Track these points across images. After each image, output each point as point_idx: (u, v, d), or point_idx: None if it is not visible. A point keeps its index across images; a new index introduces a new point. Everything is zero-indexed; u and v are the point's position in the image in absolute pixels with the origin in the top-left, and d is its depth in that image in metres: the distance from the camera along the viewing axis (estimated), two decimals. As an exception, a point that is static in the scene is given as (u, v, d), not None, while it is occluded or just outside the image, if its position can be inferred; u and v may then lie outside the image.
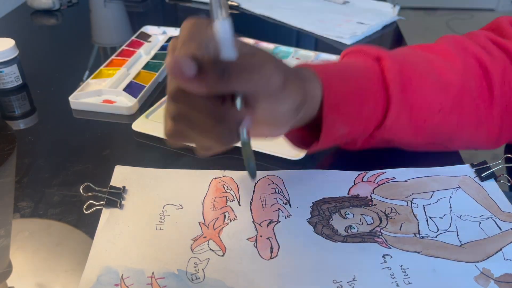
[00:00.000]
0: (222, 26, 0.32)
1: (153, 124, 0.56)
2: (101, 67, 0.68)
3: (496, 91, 0.47)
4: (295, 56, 0.75)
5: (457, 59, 0.47)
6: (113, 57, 0.71)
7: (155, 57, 0.73)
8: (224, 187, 0.45)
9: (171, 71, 0.30)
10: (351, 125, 0.43)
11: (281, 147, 0.50)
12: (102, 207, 0.42)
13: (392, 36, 0.89)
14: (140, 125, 0.55)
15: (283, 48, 0.77)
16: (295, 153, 0.49)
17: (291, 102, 0.36)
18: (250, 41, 0.78)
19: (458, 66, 0.47)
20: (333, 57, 0.74)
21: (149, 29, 0.83)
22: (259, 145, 0.51)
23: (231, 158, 0.50)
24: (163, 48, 0.76)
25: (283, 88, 0.34)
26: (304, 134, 0.45)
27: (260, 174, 0.46)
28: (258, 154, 0.50)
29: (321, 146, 0.43)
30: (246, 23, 0.94)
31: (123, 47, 0.75)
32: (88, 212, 0.42)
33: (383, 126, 0.44)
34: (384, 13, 0.96)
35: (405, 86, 0.44)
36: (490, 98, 0.47)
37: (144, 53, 0.74)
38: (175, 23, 0.85)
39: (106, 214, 0.42)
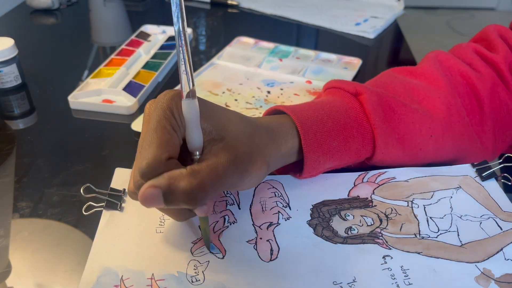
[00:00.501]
0: (186, 107, 0.34)
1: None
2: (101, 67, 0.68)
3: (486, 107, 0.48)
4: (295, 56, 0.75)
5: (441, 81, 0.47)
6: (112, 56, 0.71)
7: (154, 56, 0.73)
8: (224, 191, 0.45)
9: (142, 203, 0.33)
10: (339, 160, 0.44)
11: None
12: (101, 209, 0.42)
13: (392, 36, 0.89)
14: (139, 125, 0.55)
15: (283, 48, 0.77)
16: None
17: (253, 182, 0.39)
18: (251, 41, 0.78)
19: (443, 88, 0.47)
20: (333, 56, 0.74)
21: (148, 28, 0.83)
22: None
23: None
24: (163, 47, 0.76)
25: (244, 179, 0.37)
26: (292, 168, 0.46)
27: None
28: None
29: (306, 177, 0.45)
30: (249, 22, 0.94)
31: (123, 46, 0.75)
32: (87, 213, 0.42)
33: (374, 158, 0.45)
34: (390, 7, 0.97)
35: (389, 117, 0.44)
36: (481, 114, 0.48)
37: (144, 53, 0.74)
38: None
39: (106, 216, 0.42)
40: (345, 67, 0.72)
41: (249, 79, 0.68)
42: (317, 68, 0.71)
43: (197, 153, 0.35)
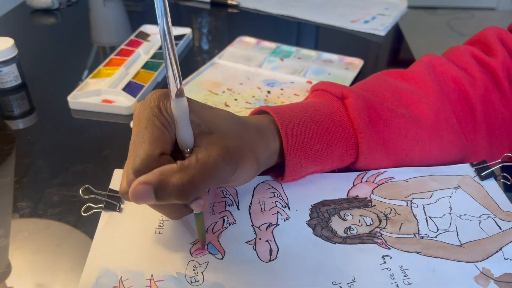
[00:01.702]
0: (176, 105, 0.34)
1: None
2: (100, 67, 0.68)
3: (479, 114, 0.47)
4: (296, 56, 0.75)
5: (432, 87, 0.47)
6: (112, 56, 0.71)
7: (154, 56, 0.73)
8: (223, 192, 0.45)
9: (133, 200, 0.33)
10: (322, 164, 0.44)
11: None
12: (100, 210, 0.42)
13: (392, 36, 0.89)
14: None
15: (285, 48, 0.77)
16: None
17: (244, 179, 0.40)
18: (252, 40, 0.79)
19: (433, 94, 0.46)
20: (334, 57, 0.74)
21: (148, 28, 0.83)
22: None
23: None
24: (163, 47, 0.76)
25: (235, 174, 0.37)
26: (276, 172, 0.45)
27: (259, 179, 0.46)
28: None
29: (288, 181, 0.44)
30: (250, 22, 0.94)
31: (122, 46, 0.75)
32: (86, 214, 0.42)
33: (358, 163, 0.45)
34: (394, 4, 0.98)
35: (374, 122, 0.44)
36: (473, 122, 0.47)
37: (143, 53, 0.74)
38: (175, 22, 0.85)
39: (105, 217, 0.42)
40: (346, 68, 0.72)
41: (249, 79, 0.68)
42: (318, 69, 0.71)
43: (187, 150, 0.35)
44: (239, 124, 0.39)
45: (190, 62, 0.75)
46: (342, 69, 0.71)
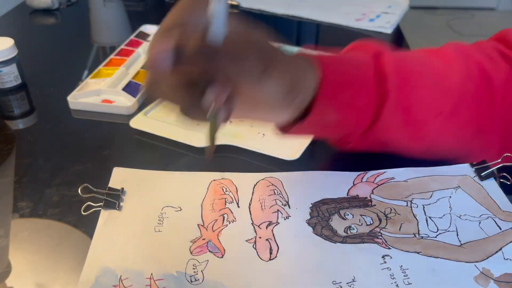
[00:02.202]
0: (217, 3, 0.32)
1: (151, 121, 0.56)
2: (100, 67, 0.68)
3: (498, 100, 0.46)
4: None
5: (459, 65, 0.47)
6: (112, 56, 0.71)
7: (154, 56, 0.73)
8: (223, 189, 0.45)
9: (149, 66, 0.31)
10: (342, 114, 0.42)
11: (278, 147, 0.50)
12: (100, 208, 0.42)
13: (392, 36, 0.89)
14: (138, 123, 0.55)
15: (287, 48, 0.77)
16: (291, 154, 0.49)
17: (274, 88, 0.36)
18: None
19: (460, 72, 0.46)
20: None
21: (148, 28, 0.83)
22: (256, 145, 0.51)
23: (230, 160, 0.50)
24: (163, 47, 0.76)
25: (264, 75, 0.34)
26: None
27: (258, 176, 0.46)
28: (254, 154, 0.50)
29: (306, 129, 0.42)
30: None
31: (122, 46, 0.75)
32: (86, 213, 0.42)
33: (377, 124, 0.44)
34: (396, 2, 0.99)
35: (401, 86, 0.43)
36: (491, 106, 0.47)
37: (143, 53, 0.74)
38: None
39: (105, 215, 0.42)
40: None
41: None
42: None
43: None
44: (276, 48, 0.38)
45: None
46: None
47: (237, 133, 0.54)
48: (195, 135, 0.52)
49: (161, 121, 0.56)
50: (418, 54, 0.48)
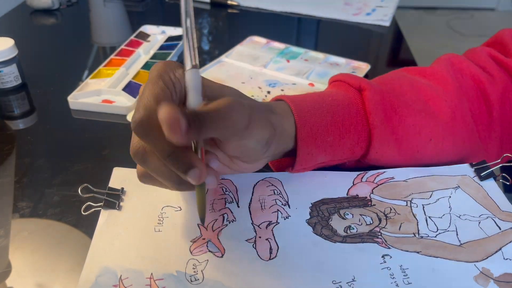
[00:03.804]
0: (192, 75, 0.34)
1: None
2: (100, 67, 0.68)
3: (496, 112, 0.47)
4: (304, 58, 0.75)
5: (451, 84, 0.46)
6: (112, 56, 0.71)
7: (154, 56, 0.73)
8: (222, 189, 0.45)
9: (170, 128, 0.30)
10: (332, 155, 0.44)
11: None
12: (100, 208, 0.42)
13: (392, 36, 0.89)
14: None
15: (294, 49, 0.77)
16: None
17: (258, 138, 0.37)
18: (262, 40, 0.79)
19: (451, 92, 0.46)
20: (342, 60, 0.74)
21: (148, 28, 0.83)
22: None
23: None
24: (162, 47, 0.76)
25: (249, 127, 0.36)
26: (287, 162, 0.46)
27: (258, 176, 0.46)
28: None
29: (298, 170, 0.44)
30: (250, 21, 0.94)
31: (122, 46, 0.75)
32: (86, 213, 0.42)
33: (369, 157, 0.45)
34: None
35: (389, 117, 0.44)
36: (489, 119, 0.47)
37: (143, 53, 0.74)
38: (175, 23, 0.85)
39: (105, 215, 0.42)
40: (353, 71, 0.71)
41: (252, 78, 0.68)
42: (323, 71, 0.70)
43: None
44: (251, 100, 0.40)
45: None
46: (348, 72, 0.70)
47: None
48: None
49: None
50: (404, 79, 0.47)
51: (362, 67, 0.73)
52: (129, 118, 0.56)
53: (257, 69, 0.70)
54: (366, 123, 0.43)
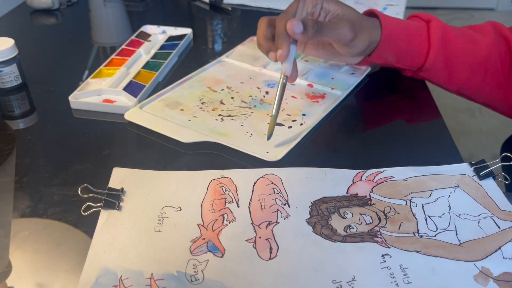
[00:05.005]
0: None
1: (147, 115, 0.57)
2: (101, 67, 0.68)
3: None
4: (304, 58, 0.74)
5: (490, 35, 0.61)
6: (113, 56, 0.71)
7: (155, 56, 0.73)
8: (222, 188, 0.45)
9: (289, 30, 0.51)
10: (398, 56, 0.61)
11: (264, 148, 0.51)
12: (100, 208, 0.42)
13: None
14: (132, 115, 0.56)
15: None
16: (274, 155, 0.50)
17: (358, 48, 0.58)
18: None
19: (489, 40, 0.61)
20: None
21: (148, 28, 0.83)
22: (242, 145, 0.51)
23: (229, 158, 0.50)
24: (163, 47, 0.76)
25: (354, 40, 0.57)
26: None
27: (258, 172, 0.47)
28: (242, 154, 0.50)
29: (370, 61, 0.64)
30: (251, 21, 0.94)
31: (123, 46, 0.75)
32: (86, 213, 0.42)
33: (424, 67, 0.61)
34: None
35: (444, 41, 0.60)
36: (510, 67, 0.61)
37: (144, 53, 0.74)
38: (175, 23, 0.85)
39: (104, 216, 0.42)
40: (352, 73, 0.70)
41: (251, 78, 0.68)
42: (322, 72, 0.70)
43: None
44: (360, 14, 0.59)
45: (190, 62, 0.75)
46: (347, 74, 0.69)
47: (226, 131, 0.54)
48: (186, 132, 0.53)
49: (156, 116, 0.57)
50: (457, 27, 0.63)
51: (362, 68, 0.72)
52: (127, 117, 0.56)
53: (257, 69, 0.70)
54: (427, 41, 0.60)
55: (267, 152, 0.50)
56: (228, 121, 0.57)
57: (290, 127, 0.56)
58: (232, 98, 0.62)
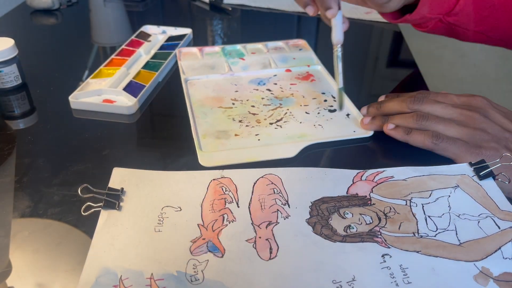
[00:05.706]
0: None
1: (217, 154, 0.51)
2: (101, 67, 0.68)
3: None
4: (250, 52, 0.76)
5: None
6: (113, 56, 0.71)
7: (155, 56, 0.73)
8: (222, 188, 0.45)
9: None
10: (431, 6, 0.60)
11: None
12: (100, 208, 0.42)
13: (392, 36, 0.89)
14: (208, 161, 0.50)
15: (230, 48, 0.77)
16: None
17: (396, 3, 0.59)
18: (194, 50, 0.78)
19: None
20: (279, 43, 0.78)
21: (148, 28, 0.83)
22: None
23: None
24: (163, 47, 0.76)
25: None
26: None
27: (258, 172, 0.47)
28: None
29: (413, 17, 0.61)
30: (251, 21, 0.94)
31: (123, 46, 0.75)
32: (86, 213, 0.42)
33: (454, 11, 0.61)
34: None
35: None
36: None
37: (144, 53, 0.74)
38: (175, 23, 0.85)
39: (104, 216, 0.42)
40: (300, 49, 0.76)
41: (237, 85, 0.66)
42: (280, 57, 0.73)
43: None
44: None
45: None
46: (296, 51, 0.75)
47: (302, 132, 0.55)
48: (281, 147, 0.51)
49: (227, 150, 0.52)
50: None
51: (301, 43, 0.78)
52: (202, 162, 0.50)
53: (228, 76, 0.68)
54: None
55: (354, 131, 0.55)
56: (286, 124, 0.56)
57: (348, 114, 0.59)
58: (253, 106, 0.60)
